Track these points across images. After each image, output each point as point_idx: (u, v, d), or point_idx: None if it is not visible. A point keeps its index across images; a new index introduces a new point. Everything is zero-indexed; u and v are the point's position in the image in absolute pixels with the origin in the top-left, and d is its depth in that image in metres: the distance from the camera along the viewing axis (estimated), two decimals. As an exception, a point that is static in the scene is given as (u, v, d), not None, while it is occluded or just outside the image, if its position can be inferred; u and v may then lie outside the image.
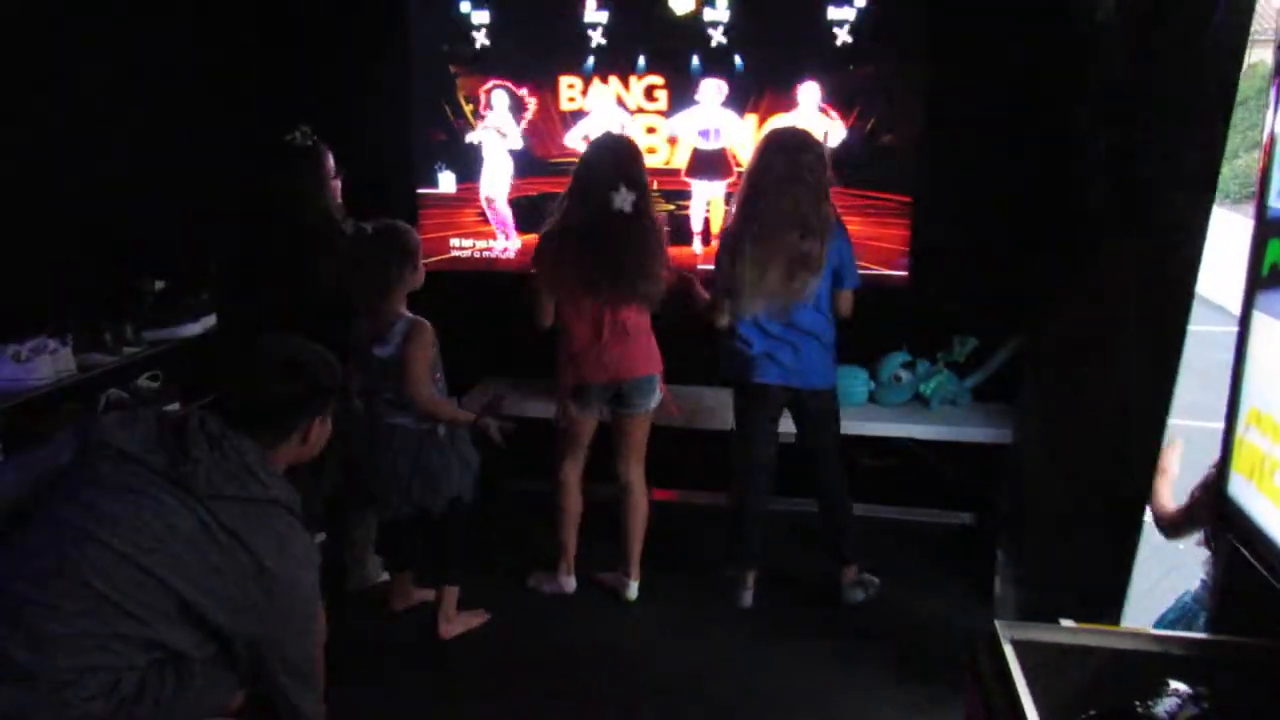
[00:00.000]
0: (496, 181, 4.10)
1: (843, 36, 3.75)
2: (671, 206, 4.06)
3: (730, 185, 3.87)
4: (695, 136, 3.94)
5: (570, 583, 3.42)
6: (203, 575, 1.72)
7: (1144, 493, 2.47)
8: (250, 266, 3.18)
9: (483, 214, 4.14)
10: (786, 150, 3.05)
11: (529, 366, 3.73)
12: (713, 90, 3.87)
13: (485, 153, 4.09)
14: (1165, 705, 1.38)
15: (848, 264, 3.18)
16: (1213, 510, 1.90)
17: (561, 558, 3.41)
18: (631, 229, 3.04)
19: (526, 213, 4.06)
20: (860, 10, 3.73)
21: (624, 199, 3.01)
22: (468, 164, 4.13)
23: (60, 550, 1.68)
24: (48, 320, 3.07)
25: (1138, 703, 1.39)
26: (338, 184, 3.24)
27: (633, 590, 3.37)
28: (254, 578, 1.76)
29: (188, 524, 1.73)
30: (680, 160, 3.99)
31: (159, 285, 3.55)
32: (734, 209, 3.16)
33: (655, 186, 3.98)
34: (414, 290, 2.91)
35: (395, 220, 2.94)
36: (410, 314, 2.87)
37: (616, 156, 3.09)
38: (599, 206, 3.02)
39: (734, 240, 3.10)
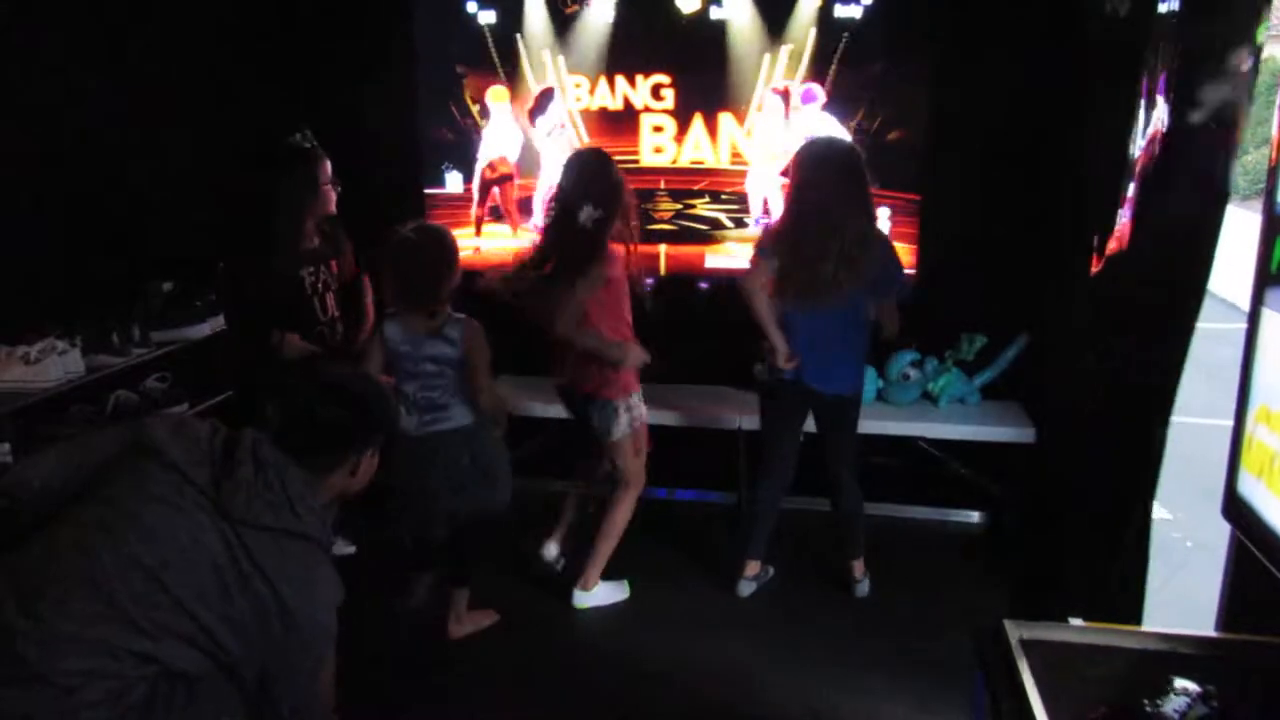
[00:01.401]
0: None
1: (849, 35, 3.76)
2: (679, 205, 4.07)
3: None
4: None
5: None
6: (220, 601, 1.69)
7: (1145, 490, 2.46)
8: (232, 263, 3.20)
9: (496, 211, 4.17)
10: (834, 167, 3.02)
11: (539, 365, 3.73)
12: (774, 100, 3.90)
13: (546, 157, 4.09)
14: (1173, 704, 1.38)
15: (888, 275, 3.08)
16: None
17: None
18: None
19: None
20: (867, 8, 3.73)
21: (587, 215, 2.99)
22: (475, 164, 4.14)
23: (87, 551, 1.66)
24: (56, 322, 3.08)
25: (1146, 701, 1.39)
26: (331, 192, 3.18)
27: (585, 599, 3.33)
28: (274, 613, 1.72)
29: (215, 546, 1.70)
30: (683, 160, 4.02)
31: (167, 287, 3.56)
32: (779, 219, 3.18)
33: (662, 186, 4.03)
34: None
35: (428, 222, 2.96)
36: (460, 315, 2.87)
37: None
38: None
39: (774, 243, 3.08)
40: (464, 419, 2.90)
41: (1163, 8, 2.55)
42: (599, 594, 3.32)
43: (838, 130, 3.80)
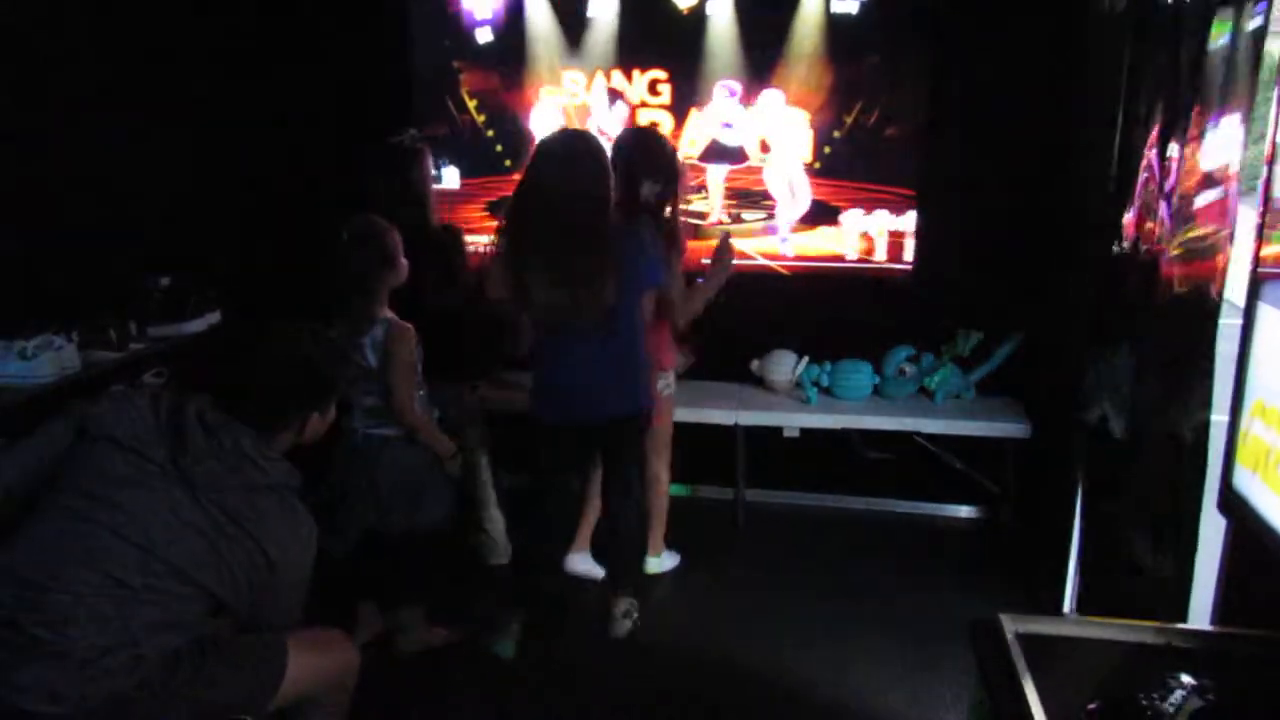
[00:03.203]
0: None
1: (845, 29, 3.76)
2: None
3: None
4: (718, 128, 3.96)
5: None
6: (214, 564, 1.76)
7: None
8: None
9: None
10: (559, 159, 2.72)
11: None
12: (724, 93, 3.91)
13: None
14: (1170, 697, 1.38)
15: (644, 266, 2.78)
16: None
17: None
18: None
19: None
20: (863, 3, 3.72)
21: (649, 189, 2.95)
22: (472, 159, 4.14)
23: (77, 540, 1.71)
24: (53, 317, 3.07)
25: (1142, 695, 1.39)
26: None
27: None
28: (262, 565, 1.80)
29: (195, 517, 1.75)
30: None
31: (164, 282, 3.55)
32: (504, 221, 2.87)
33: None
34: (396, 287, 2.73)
35: (370, 216, 2.75)
36: (391, 315, 2.70)
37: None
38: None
39: (507, 255, 2.78)
40: (392, 430, 2.74)
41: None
42: (666, 560, 3.42)
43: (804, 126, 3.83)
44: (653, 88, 3.94)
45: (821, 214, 3.94)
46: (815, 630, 3.17)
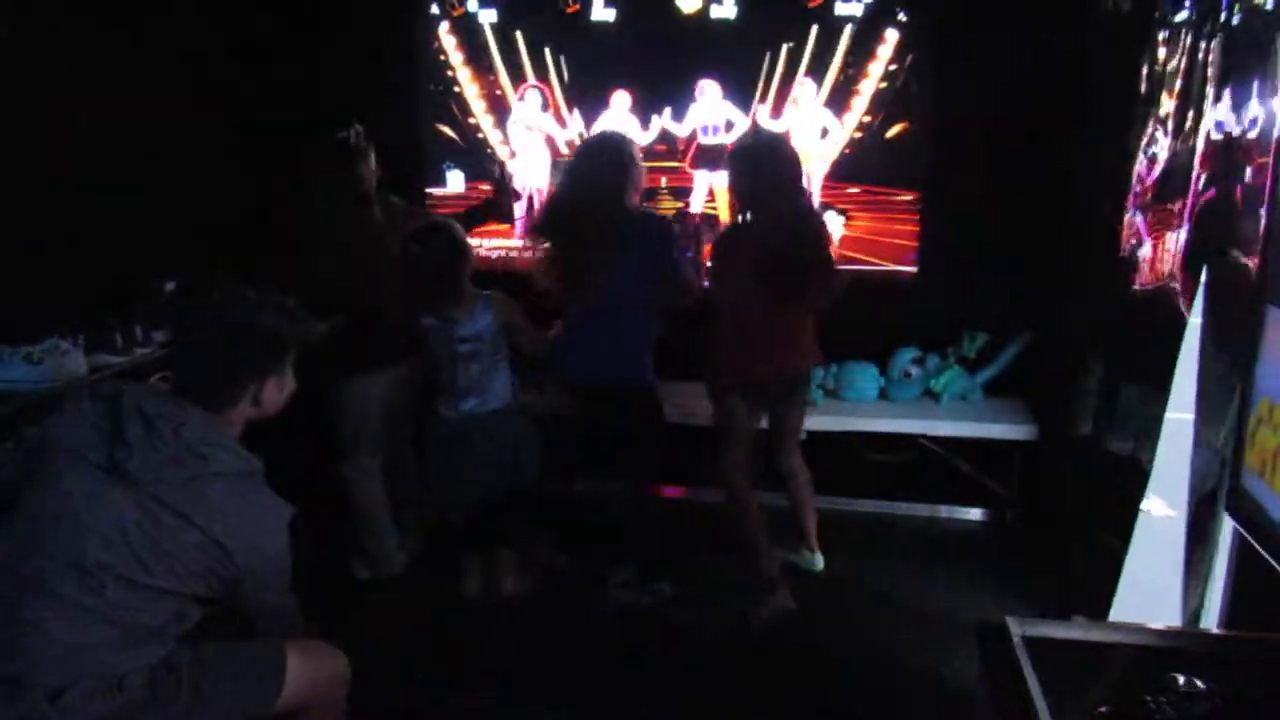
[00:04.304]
0: (538, 173, 4.13)
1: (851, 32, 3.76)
2: (680, 204, 4.07)
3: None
4: (698, 132, 3.96)
5: (788, 599, 3.18)
6: (165, 562, 1.68)
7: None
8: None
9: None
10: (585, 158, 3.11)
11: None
12: (710, 89, 3.90)
13: (518, 146, 4.10)
14: (1176, 701, 1.37)
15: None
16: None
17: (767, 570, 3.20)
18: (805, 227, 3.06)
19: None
20: (867, 5, 3.72)
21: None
22: (476, 163, 4.14)
23: (23, 568, 1.64)
24: (59, 321, 3.08)
25: (1149, 699, 1.38)
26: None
27: (819, 561, 3.45)
28: (214, 553, 1.71)
29: (134, 517, 1.67)
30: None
31: (169, 286, 3.56)
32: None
33: (663, 184, 4.03)
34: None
35: (434, 220, 3.16)
36: (485, 291, 3.09)
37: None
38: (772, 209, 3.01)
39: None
40: (499, 401, 3.10)
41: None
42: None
43: (835, 127, 3.82)
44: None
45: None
46: (818, 630, 3.15)
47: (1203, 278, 2.09)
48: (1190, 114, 2.30)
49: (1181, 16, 2.42)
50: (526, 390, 3.36)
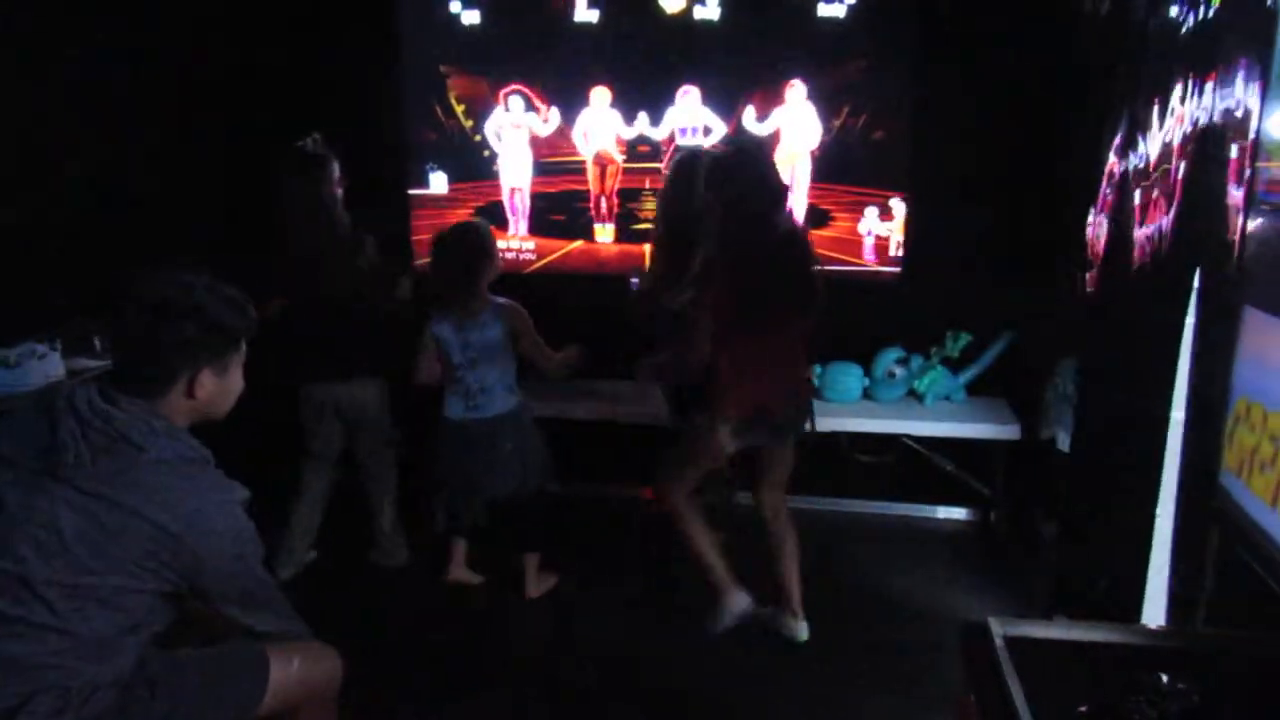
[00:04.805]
0: (521, 173, 4.12)
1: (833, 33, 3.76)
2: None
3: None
4: (676, 134, 3.95)
5: (743, 599, 3.07)
6: (106, 560, 1.63)
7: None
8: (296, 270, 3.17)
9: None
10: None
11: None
12: (692, 94, 3.90)
13: (502, 146, 4.09)
14: (1156, 700, 1.38)
15: None
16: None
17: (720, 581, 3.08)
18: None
19: (542, 212, 4.13)
20: (851, 6, 3.73)
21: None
22: (460, 164, 4.13)
23: None
24: (36, 326, 3.06)
25: (1131, 698, 1.39)
26: (340, 192, 3.25)
27: (803, 630, 3.09)
28: (161, 539, 1.65)
29: (71, 519, 1.61)
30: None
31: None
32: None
33: (647, 186, 4.02)
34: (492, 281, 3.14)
35: (468, 220, 3.28)
36: (496, 299, 3.14)
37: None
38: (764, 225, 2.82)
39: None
40: (506, 405, 3.17)
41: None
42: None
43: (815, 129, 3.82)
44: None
45: (811, 217, 3.94)
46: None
47: (1195, 280, 2.10)
48: (1169, 115, 2.32)
49: (1157, 17, 2.44)
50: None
